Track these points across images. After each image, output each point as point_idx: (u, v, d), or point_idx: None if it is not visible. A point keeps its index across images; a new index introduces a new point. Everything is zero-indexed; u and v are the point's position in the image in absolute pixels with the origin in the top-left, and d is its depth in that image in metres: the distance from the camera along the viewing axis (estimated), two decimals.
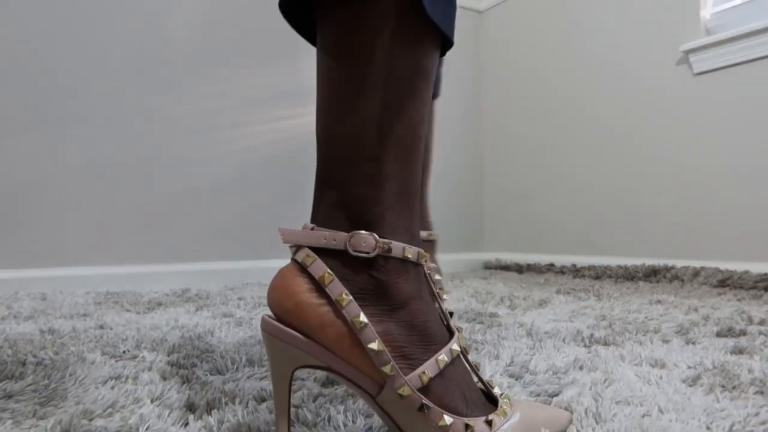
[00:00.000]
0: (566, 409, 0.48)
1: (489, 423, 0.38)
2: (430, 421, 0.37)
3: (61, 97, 1.44)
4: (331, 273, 0.38)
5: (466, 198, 2.14)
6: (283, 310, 0.38)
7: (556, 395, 0.52)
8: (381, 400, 0.38)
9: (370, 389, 0.38)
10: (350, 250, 0.38)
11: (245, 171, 1.69)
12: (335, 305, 0.37)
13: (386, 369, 0.37)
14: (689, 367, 0.62)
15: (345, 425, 0.45)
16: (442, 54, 0.44)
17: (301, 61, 1.79)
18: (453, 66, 2.14)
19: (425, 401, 0.37)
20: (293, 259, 0.40)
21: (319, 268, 0.38)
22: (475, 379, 0.43)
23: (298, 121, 1.79)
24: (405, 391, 0.37)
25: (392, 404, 0.37)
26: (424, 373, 0.37)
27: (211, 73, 1.64)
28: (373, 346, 0.37)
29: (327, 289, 0.38)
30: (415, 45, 0.40)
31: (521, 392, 0.53)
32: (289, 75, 1.77)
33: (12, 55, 1.38)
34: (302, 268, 0.39)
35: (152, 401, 0.51)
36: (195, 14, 1.62)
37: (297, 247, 0.40)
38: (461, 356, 0.41)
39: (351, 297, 0.37)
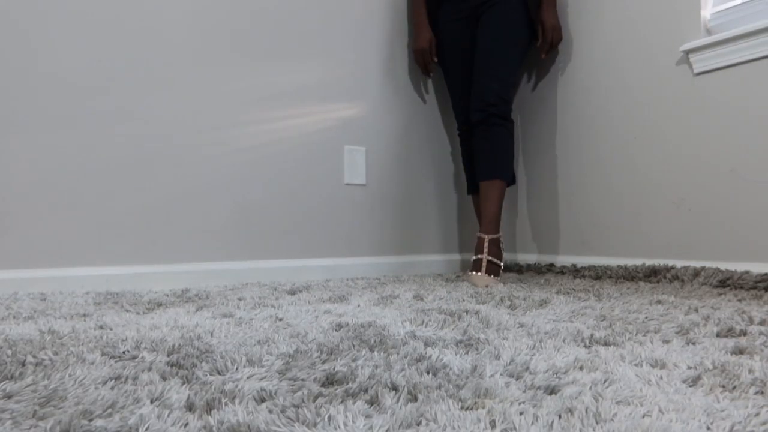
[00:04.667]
0: (567, 409, 0.48)
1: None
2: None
3: (61, 96, 1.44)
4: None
5: (466, 198, 2.13)
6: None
7: (556, 395, 0.52)
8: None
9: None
10: (494, 237, 1.68)
11: (245, 171, 1.69)
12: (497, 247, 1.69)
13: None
14: (689, 368, 0.62)
15: (345, 425, 0.45)
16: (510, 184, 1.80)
17: (300, 61, 1.79)
18: None
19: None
20: (491, 238, 1.67)
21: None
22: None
23: (298, 121, 1.79)
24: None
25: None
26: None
27: (211, 72, 1.64)
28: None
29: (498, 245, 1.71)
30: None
31: (521, 392, 0.53)
32: (289, 75, 1.77)
33: (11, 55, 1.38)
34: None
35: (152, 401, 0.51)
36: (195, 13, 1.62)
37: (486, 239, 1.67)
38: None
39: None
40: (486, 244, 1.66)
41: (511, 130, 1.72)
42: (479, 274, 1.62)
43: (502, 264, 1.68)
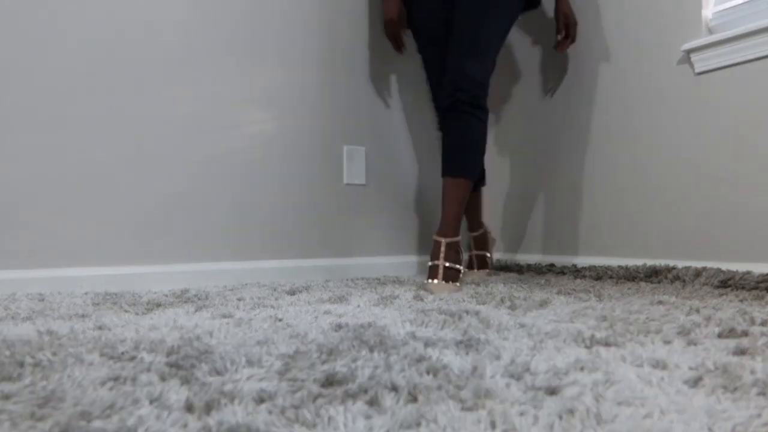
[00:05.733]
0: (568, 410, 0.47)
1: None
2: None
3: (60, 97, 1.43)
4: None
5: None
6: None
7: (557, 396, 0.52)
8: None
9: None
10: (452, 240, 1.50)
11: (244, 171, 1.69)
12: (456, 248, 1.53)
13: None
14: (691, 368, 0.61)
15: (345, 426, 0.45)
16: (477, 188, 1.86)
17: (300, 61, 1.79)
18: None
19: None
20: (448, 242, 1.49)
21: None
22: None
23: (298, 121, 1.79)
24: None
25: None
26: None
27: (210, 73, 1.64)
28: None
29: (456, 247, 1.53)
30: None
31: (522, 393, 0.53)
32: (289, 74, 1.77)
33: (11, 55, 1.38)
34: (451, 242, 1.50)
35: (151, 402, 0.51)
36: (194, 14, 1.62)
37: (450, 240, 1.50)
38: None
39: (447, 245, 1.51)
40: (443, 249, 1.48)
41: (483, 120, 1.54)
42: (435, 281, 1.45)
43: (461, 268, 1.52)
